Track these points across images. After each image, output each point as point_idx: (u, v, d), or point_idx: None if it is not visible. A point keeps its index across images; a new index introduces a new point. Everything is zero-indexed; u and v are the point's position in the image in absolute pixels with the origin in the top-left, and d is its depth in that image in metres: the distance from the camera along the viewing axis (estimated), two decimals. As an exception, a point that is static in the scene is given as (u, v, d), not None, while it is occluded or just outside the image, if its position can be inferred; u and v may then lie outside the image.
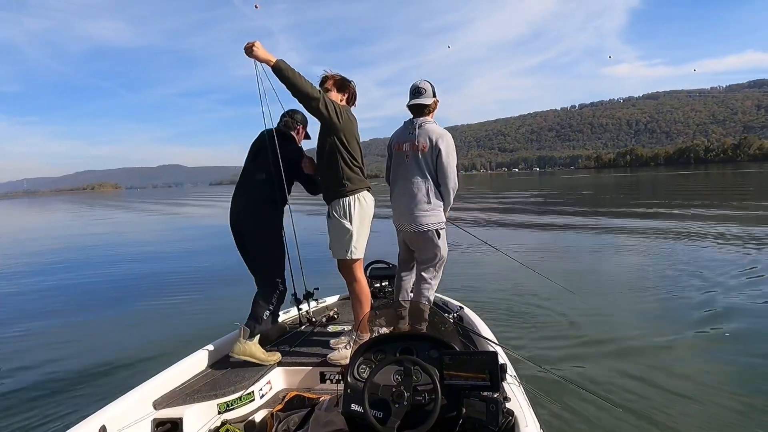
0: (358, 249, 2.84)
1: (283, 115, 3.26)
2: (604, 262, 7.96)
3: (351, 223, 2.80)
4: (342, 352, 2.72)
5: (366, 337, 2.38)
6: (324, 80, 2.91)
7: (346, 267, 2.88)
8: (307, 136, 3.32)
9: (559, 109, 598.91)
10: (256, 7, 5.37)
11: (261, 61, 2.57)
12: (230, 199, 3.02)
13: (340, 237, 2.83)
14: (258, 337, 2.79)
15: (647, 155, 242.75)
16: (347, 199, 2.80)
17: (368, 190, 2.91)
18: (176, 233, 18.27)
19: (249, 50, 2.54)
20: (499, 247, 4.75)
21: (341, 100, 2.92)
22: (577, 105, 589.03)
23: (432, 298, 3.17)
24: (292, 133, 3.20)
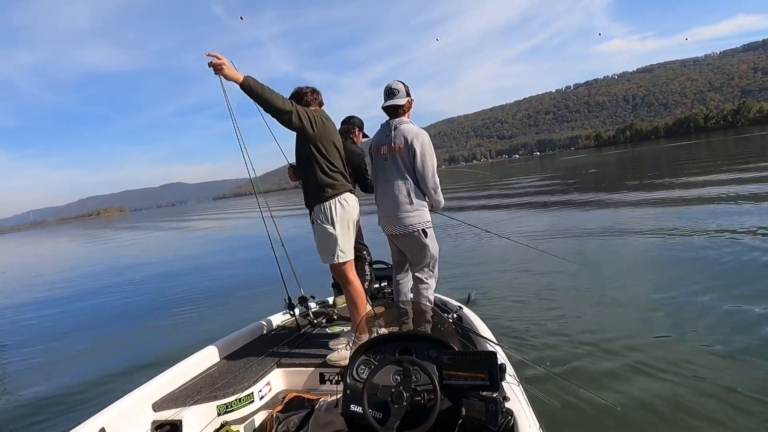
0: (346, 252, 2.80)
1: (343, 122, 3.64)
2: (607, 259, 7.18)
3: (334, 227, 2.76)
4: (341, 353, 2.71)
5: (365, 337, 2.35)
6: (302, 95, 2.84)
7: (336, 271, 2.86)
8: (364, 136, 3.68)
9: (554, 91, 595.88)
10: (241, 18, 5.46)
11: (229, 79, 2.52)
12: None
13: (326, 242, 2.80)
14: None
15: (647, 129, 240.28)
16: (328, 203, 2.77)
17: (350, 192, 2.87)
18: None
19: (217, 68, 2.48)
20: (502, 237, 4.66)
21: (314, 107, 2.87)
22: (571, 85, 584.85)
23: (432, 299, 3.13)
24: (351, 136, 3.60)
